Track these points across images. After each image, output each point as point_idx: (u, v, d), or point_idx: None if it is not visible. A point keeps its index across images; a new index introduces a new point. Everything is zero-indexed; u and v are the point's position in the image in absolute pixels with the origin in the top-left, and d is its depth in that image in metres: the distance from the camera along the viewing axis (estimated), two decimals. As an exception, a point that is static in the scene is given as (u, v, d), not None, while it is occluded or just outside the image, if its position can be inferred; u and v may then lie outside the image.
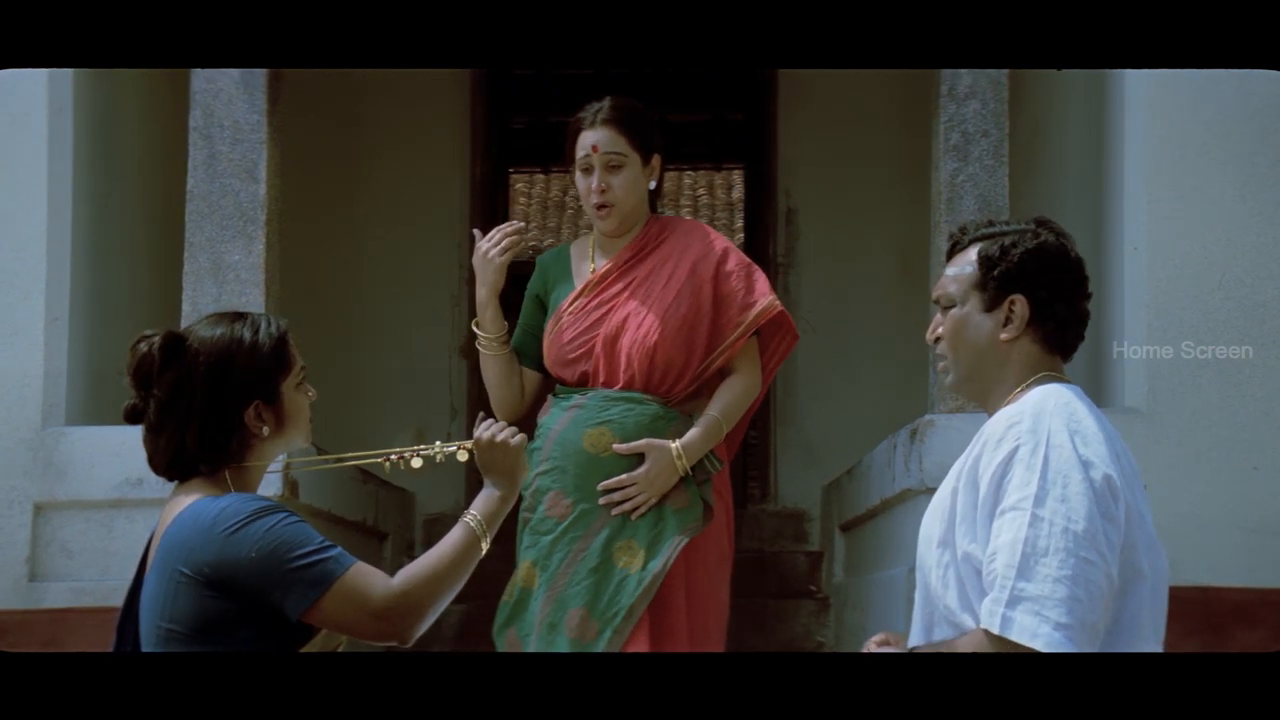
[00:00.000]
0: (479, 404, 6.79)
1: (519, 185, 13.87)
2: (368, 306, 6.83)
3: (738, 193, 13.41)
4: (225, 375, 2.53)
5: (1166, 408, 4.70)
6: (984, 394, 2.57)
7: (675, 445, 3.76)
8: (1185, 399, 4.71)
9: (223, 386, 2.53)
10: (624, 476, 3.76)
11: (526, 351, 3.98)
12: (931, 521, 2.53)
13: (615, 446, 3.76)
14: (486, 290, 3.82)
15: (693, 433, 3.79)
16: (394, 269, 6.86)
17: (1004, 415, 2.47)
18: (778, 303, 3.86)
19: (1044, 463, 2.38)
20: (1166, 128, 4.75)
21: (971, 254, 2.57)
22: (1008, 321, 2.52)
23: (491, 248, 3.82)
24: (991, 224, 2.59)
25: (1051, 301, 2.52)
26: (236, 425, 2.54)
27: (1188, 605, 4.39)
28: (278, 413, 2.57)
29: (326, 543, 2.45)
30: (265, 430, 2.56)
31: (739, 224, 12.84)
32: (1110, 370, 4.89)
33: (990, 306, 2.53)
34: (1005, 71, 4.73)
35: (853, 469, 5.79)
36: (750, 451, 6.96)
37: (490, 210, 7.20)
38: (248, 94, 4.82)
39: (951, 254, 2.62)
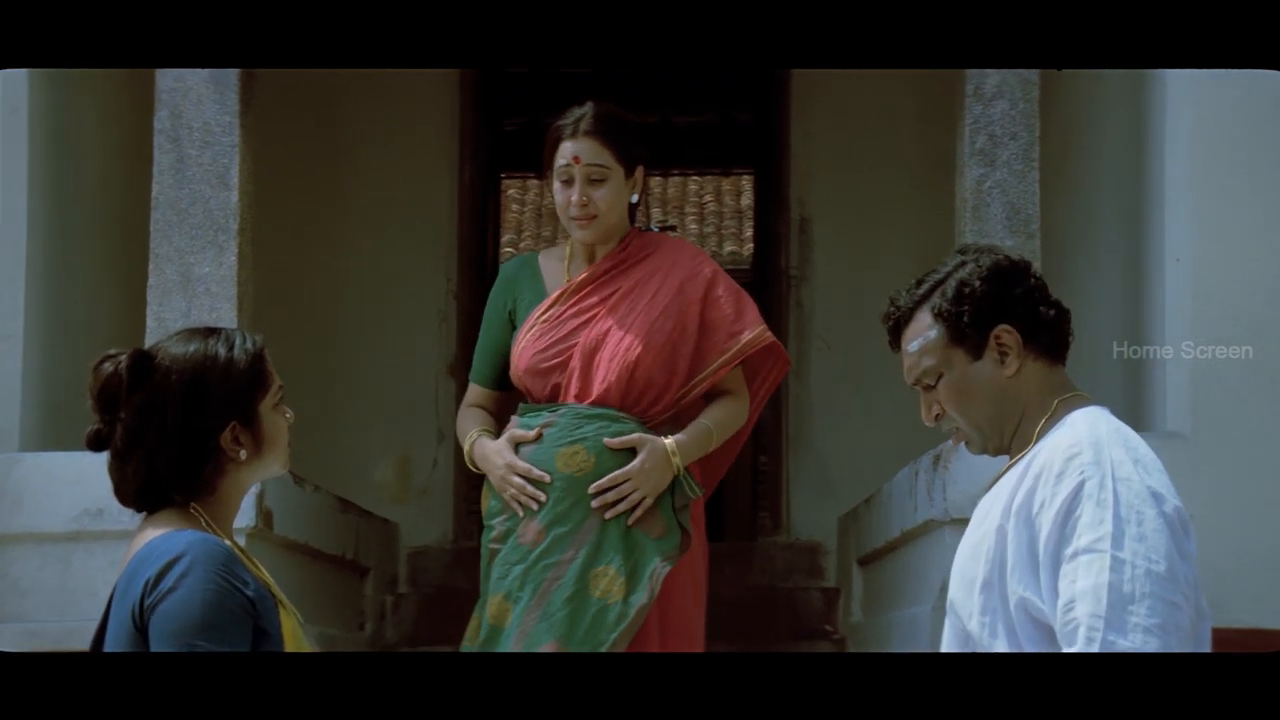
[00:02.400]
0: (468, 428, 6.76)
1: (511, 191, 13.87)
2: (348, 323, 6.82)
3: (747, 200, 13.41)
4: (200, 394, 2.53)
5: (1212, 432, 4.68)
6: (1006, 440, 2.54)
7: (669, 441, 3.78)
8: (1232, 423, 4.69)
9: (198, 406, 2.52)
10: (617, 473, 3.77)
11: (491, 374, 4.00)
12: (970, 562, 2.50)
13: (607, 441, 3.76)
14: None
15: (684, 435, 3.81)
16: (377, 282, 6.86)
17: (1057, 445, 2.44)
18: (768, 333, 3.91)
19: (1114, 498, 2.36)
20: (1210, 129, 4.75)
21: (924, 318, 2.55)
22: (1003, 356, 2.52)
23: (509, 478, 3.86)
24: (920, 281, 2.59)
25: (1034, 309, 2.52)
26: (212, 449, 2.54)
27: (1226, 648, 4.34)
28: (255, 435, 2.57)
29: (228, 643, 2.40)
30: (242, 454, 2.55)
31: (748, 233, 12.84)
32: (1149, 392, 4.86)
33: (978, 352, 2.52)
34: (1035, 70, 4.73)
35: (871, 498, 5.78)
36: (761, 479, 6.95)
37: (480, 218, 7.20)
38: (218, 94, 4.83)
39: (897, 333, 2.60)
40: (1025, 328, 2.52)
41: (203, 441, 2.54)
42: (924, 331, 2.55)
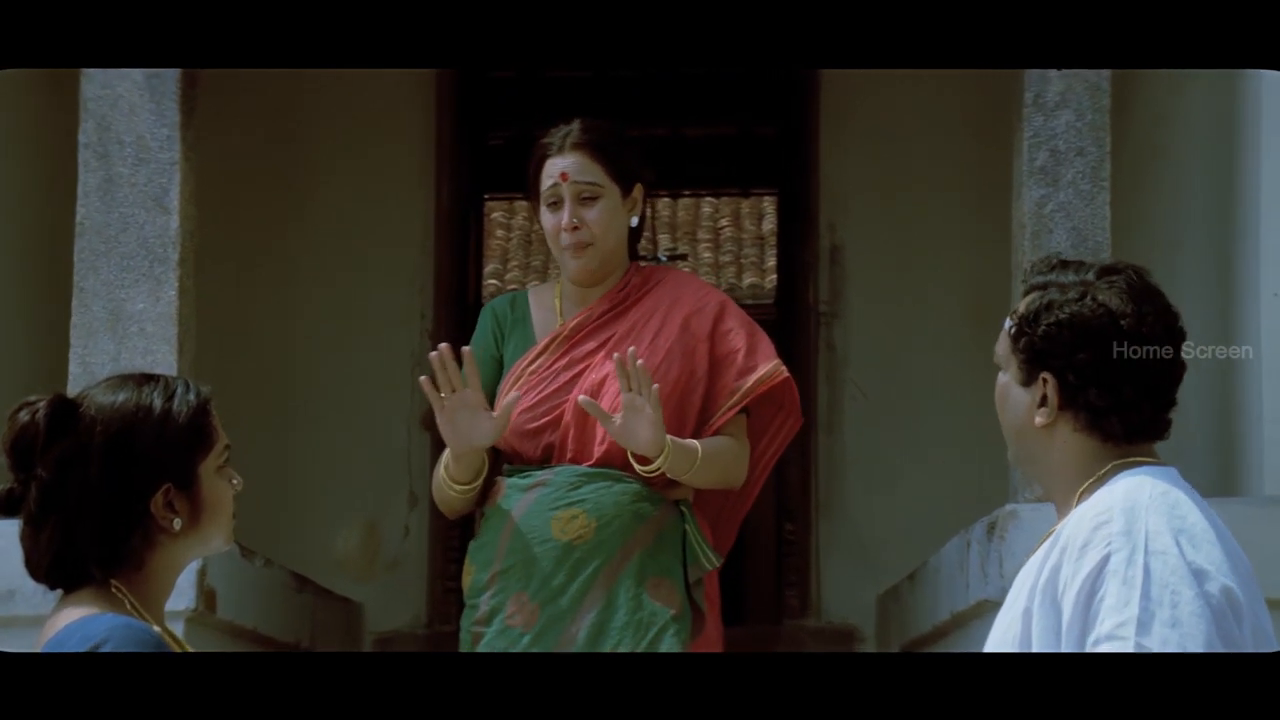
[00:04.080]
0: (445, 490, 6.74)
1: (496, 215, 13.88)
2: (306, 368, 6.82)
3: (769, 224, 13.41)
4: (129, 451, 2.52)
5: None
6: (1041, 482, 2.59)
7: (668, 442, 3.76)
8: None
9: (125, 465, 2.52)
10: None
11: None
12: (997, 649, 2.53)
13: (580, 399, 3.74)
14: (463, 447, 3.82)
15: (678, 442, 3.77)
16: (340, 321, 6.86)
17: (1086, 513, 2.45)
18: (783, 369, 3.91)
19: (1145, 575, 2.36)
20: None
21: (1018, 306, 2.59)
22: (1042, 402, 2.53)
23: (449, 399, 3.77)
24: (1056, 267, 2.59)
25: (1082, 386, 2.51)
26: (141, 516, 2.53)
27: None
28: (194, 502, 2.57)
29: None
30: (177, 523, 2.55)
31: (770, 263, 12.83)
32: (1242, 451, 4.84)
33: (1025, 381, 2.56)
34: (1106, 73, 4.75)
35: (915, 574, 5.77)
36: (787, 551, 6.94)
37: (461, 246, 7.22)
38: (154, 102, 4.82)
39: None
40: (1066, 392, 2.52)
41: (130, 506, 2.53)
42: (1009, 318, 2.59)
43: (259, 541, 5.49)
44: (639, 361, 3.70)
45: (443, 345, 3.77)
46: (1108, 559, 2.38)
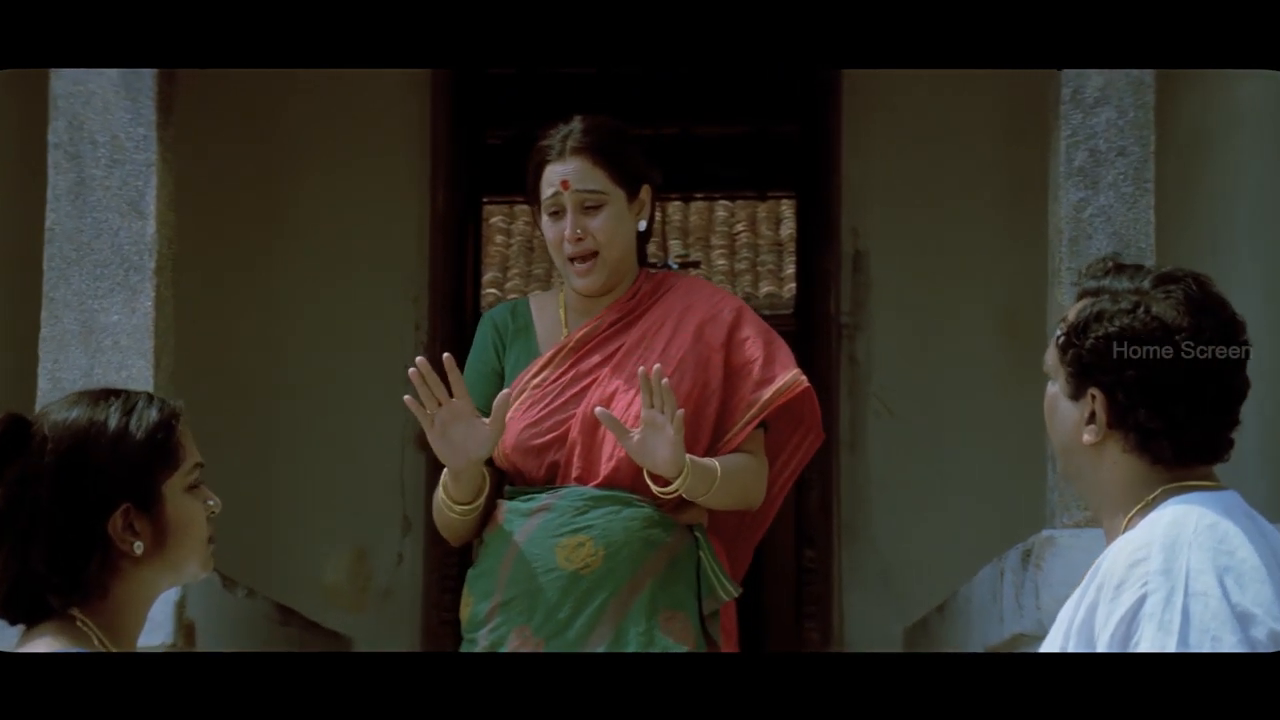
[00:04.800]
0: (441, 514, 6.74)
1: (496, 219, 13.90)
2: (293, 383, 6.82)
3: (788, 230, 13.42)
4: (81, 469, 2.52)
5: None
6: (1091, 503, 2.57)
7: (686, 463, 3.73)
8: None
9: (77, 484, 2.52)
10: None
11: None
12: None
13: (596, 411, 3.70)
14: (461, 462, 3.78)
15: (698, 461, 3.75)
16: (329, 333, 6.87)
17: (1125, 547, 2.42)
18: (803, 379, 3.88)
19: (1183, 619, 2.35)
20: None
21: (1068, 313, 2.58)
22: (1090, 419, 2.52)
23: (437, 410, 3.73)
24: (1110, 272, 2.58)
25: (1131, 405, 2.49)
26: (98, 539, 2.52)
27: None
28: (157, 522, 2.55)
29: None
30: (138, 546, 2.53)
31: (788, 270, 12.84)
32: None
33: (1074, 394, 2.54)
34: (1150, 69, 4.74)
35: (945, 605, 5.75)
36: (806, 579, 6.95)
37: (458, 253, 7.22)
38: (130, 99, 4.81)
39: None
40: (1115, 411, 2.50)
41: (85, 528, 2.52)
42: (1057, 328, 2.59)
43: (241, 570, 5.48)
44: (665, 380, 3.67)
45: (419, 359, 3.75)
46: (1143, 600, 2.36)
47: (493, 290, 12.93)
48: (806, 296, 7.50)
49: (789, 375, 3.87)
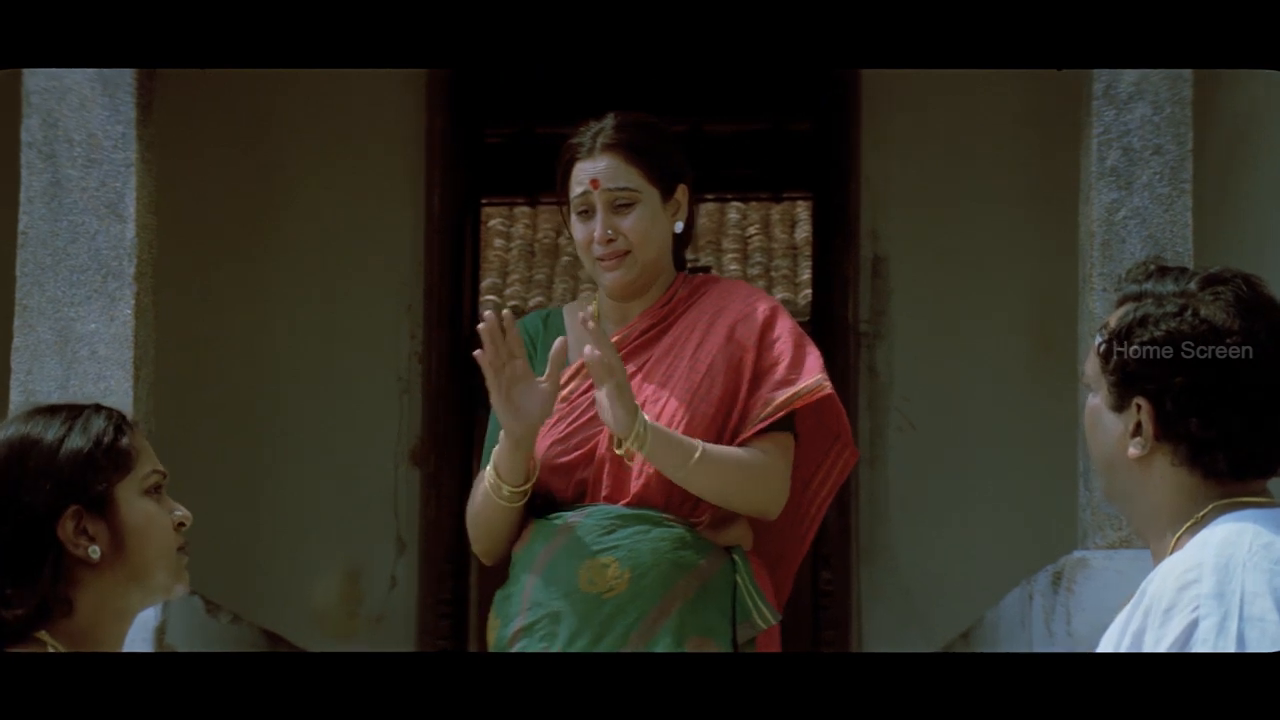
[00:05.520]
0: (435, 533, 6.75)
1: (495, 222, 13.90)
2: (280, 396, 6.83)
3: (803, 233, 13.43)
4: (19, 472, 2.56)
5: None
6: (1134, 522, 2.55)
7: (640, 421, 3.71)
8: None
9: (17, 486, 2.55)
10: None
11: None
12: None
13: (585, 353, 3.67)
14: (522, 427, 3.77)
15: (662, 430, 3.74)
16: (319, 343, 6.88)
17: (1173, 568, 2.41)
18: (827, 385, 3.85)
19: (1239, 646, 2.33)
20: None
21: (1109, 320, 2.56)
22: (1137, 431, 2.50)
23: (496, 357, 3.73)
24: (1152, 275, 2.55)
25: (1181, 415, 2.46)
26: (48, 544, 2.54)
27: None
28: (113, 525, 2.58)
29: None
30: (94, 550, 2.55)
31: (804, 275, 12.83)
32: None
33: (1118, 406, 2.51)
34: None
35: (971, 630, 5.76)
36: (824, 603, 6.94)
37: (456, 258, 7.22)
38: (108, 95, 4.82)
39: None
40: (1163, 421, 2.48)
41: (30, 532, 2.53)
42: (1098, 335, 2.56)
43: (225, 594, 5.48)
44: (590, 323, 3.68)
45: (489, 313, 3.73)
46: (1195, 626, 2.34)
47: (491, 297, 12.93)
48: (823, 303, 7.48)
49: (812, 380, 3.84)
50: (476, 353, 3.73)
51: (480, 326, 3.72)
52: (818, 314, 7.75)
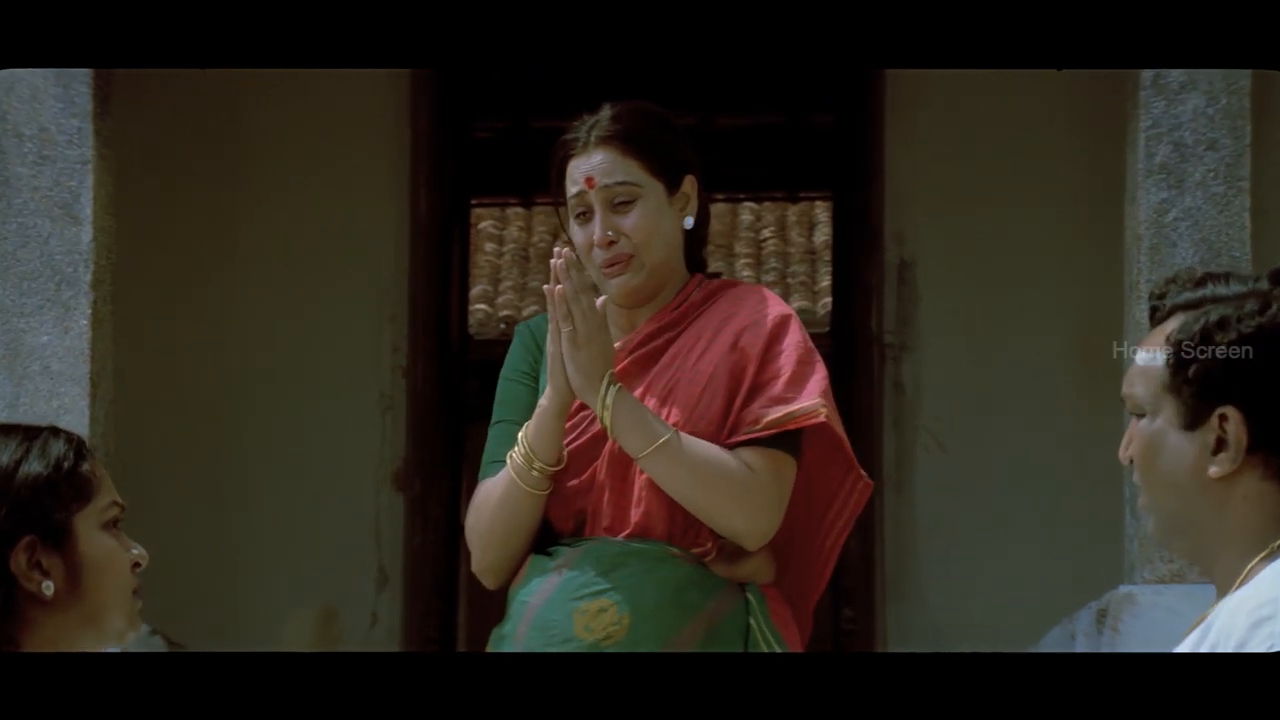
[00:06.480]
0: (421, 565, 6.74)
1: (486, 224, 13.91)
2: (252, 414, 6.83)
3: (822, 236, 13.45)
4: None
5: None
6: (1200, 555, 2.53)
7: (606, 384, 3.72)
8: None
9: None
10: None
11: None
12: None
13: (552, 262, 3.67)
14: (582, 378, 3.75)
15: (633, 403, 3.75)
16: (293, 356, 6.88)
17: (1244, 602, 2.40)
18: (824, 410, 3.80)
19: None
20: None
21: (1167, 331, 2.54)
22: (1219, 447, 2.48)
23: (571, 281, 3.72)
24: (1205, 280, 2.55)
25: (1276, 421, 2.47)
26: (2, 577, 2.56)
27: None
28: (69, 560, 2.59)
29: None
30: (48, 586, 2.56)
31: (823, 283, 12.85)
32: None
33: (1191, 422, 2.49)
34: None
35: (1007, 671, 5.70)
36: (846, 643, 6.95)
37: (443, 262, 7.24)
38: (62, 86, 4.85)
39: (1153, 326, 2.60)
40: (1258, 429, 2.46)
41: None
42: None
43: (189, 633, 5.48)
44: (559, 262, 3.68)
45: (563, 249, 3.71)
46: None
47: (482, 306, 12.94)
48: (844, 313, 7.49)
49: (809, 403, 3.81)
50: (558, 288, 3.68)
51: (557, 262, 3.69)
52: (838, 324, 7.76)
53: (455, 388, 7.42)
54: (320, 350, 6.85)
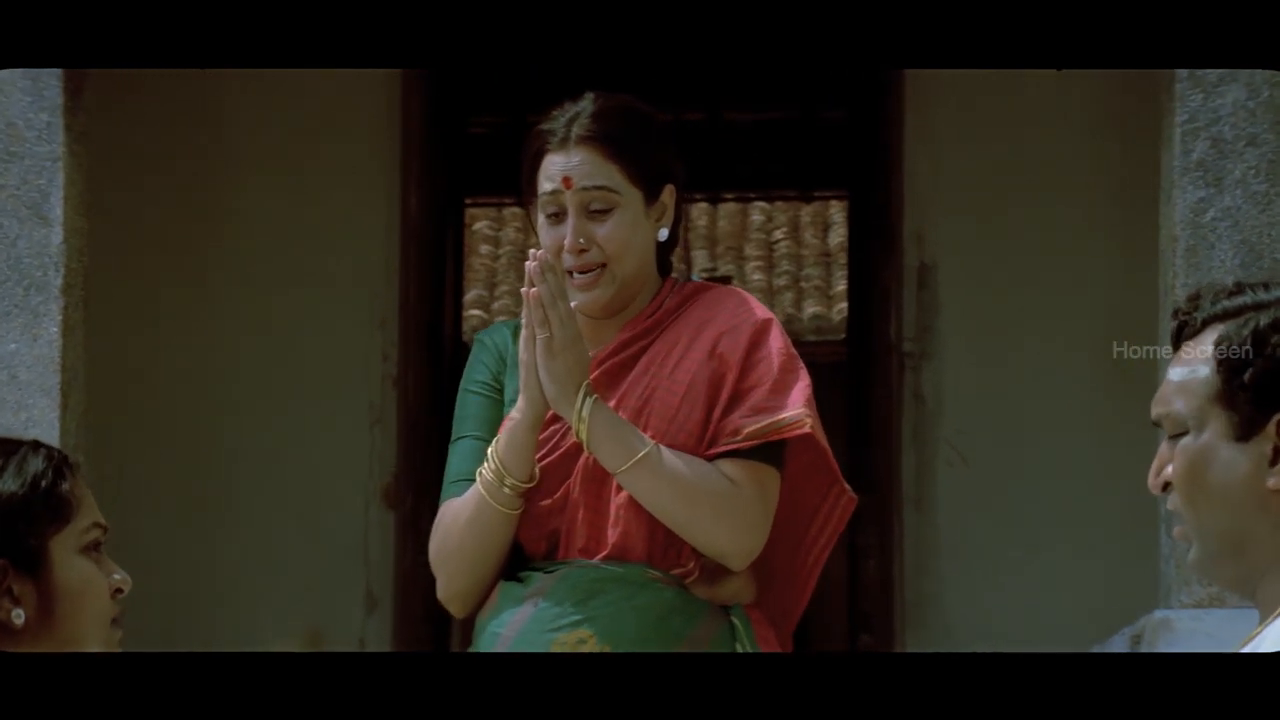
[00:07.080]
0: (412, 587, 6.72)
1: (480, 225, 13.93)
2: (234, 430, 6.83)
3: (838, 238, 13.44)
4: None
5: None
6: (1248, 579, 2.52)
7: (583, 395, 3.73)
8: None
9: None
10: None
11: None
12: None
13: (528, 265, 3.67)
14: (557, 388, 3.75)
15: (611, 415, 3.75)
16: (277, 365, 6.89)
17: None
18: (807, 421, 3.81)
19: None
20: None
21: (1205, 345, 2.53)
22: (1276, 457, 2.46)
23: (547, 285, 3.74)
24: (1240, 289, 2.54)
25: None
26: None
27: None
28: (43, 587, 2.60)
29: None
30: (18, 615, 2.57)
31: (839, 286, 12.85)
32: None
33: (1245, 433, 2.47)
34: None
35: (1035, 700, 5.69)
36: (863, 669, 6.86)
37: (436, 264, 7.25)
38: (30, 79, 4.87)
39: (1178, 342, 2.59)
40: None
41: None
42: (1195, 363, 2.52)
43: (167, 657, 5.45)
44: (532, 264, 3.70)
45: (538, 252, 3.71)
46: None
47: (477, 312, 12.95)
48: (861, 319, 7.48)
49: (792, 413, 3.81)
50: (533, 290, 3.70)
51: (531, 265, 3.70)
52: (854, 331, 7.75)
53: (447, 399, 7.40)
54: (306, 358, 6.87)
